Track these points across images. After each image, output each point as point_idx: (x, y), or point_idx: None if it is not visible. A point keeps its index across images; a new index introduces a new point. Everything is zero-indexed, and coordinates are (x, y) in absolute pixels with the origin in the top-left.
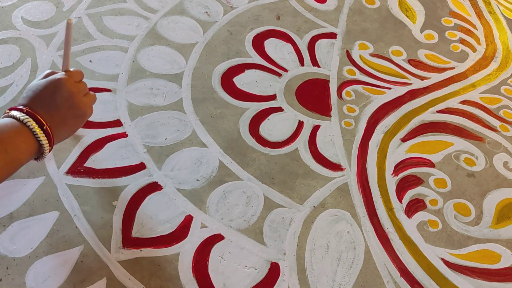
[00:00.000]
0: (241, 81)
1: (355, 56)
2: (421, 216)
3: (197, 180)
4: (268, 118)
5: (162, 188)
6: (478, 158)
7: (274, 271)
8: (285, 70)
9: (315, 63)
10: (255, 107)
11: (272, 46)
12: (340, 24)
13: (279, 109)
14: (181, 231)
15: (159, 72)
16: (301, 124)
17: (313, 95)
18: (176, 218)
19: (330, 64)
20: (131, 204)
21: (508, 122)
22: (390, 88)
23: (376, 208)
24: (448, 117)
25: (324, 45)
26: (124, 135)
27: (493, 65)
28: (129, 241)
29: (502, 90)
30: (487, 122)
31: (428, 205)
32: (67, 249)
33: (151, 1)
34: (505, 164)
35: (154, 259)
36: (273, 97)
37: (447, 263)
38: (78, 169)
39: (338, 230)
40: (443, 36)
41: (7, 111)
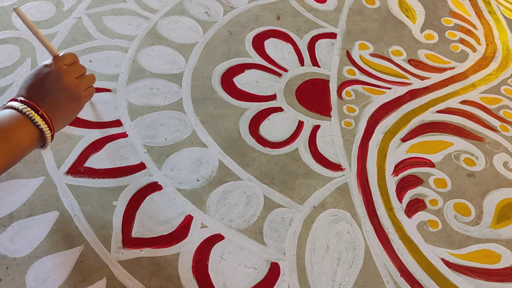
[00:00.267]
0: (241, 81)
1: (355, 56)
2: (421, 216)
3: (197, 180)
4: (268, 118)
5: (162, 188)
6: (478, 158)
7: (274, 271)
8: (285, 70)
9: (315, 63)
10: (255, 107)
11: (272, 46)
12: (340, 24)
13: (279, 109)
14: (181, 231)
15: (159, 72)
16: (301, 124)
17: (313, 95)
18: (176, 218)
19: (330, 64)
20: (131, 204)
21: (508, 122)
22: (390, 88)
23: (376, 208)
24: (448, 117)
25: (324, 45)
26: (124, 135)
27: (493, 65)
28: (129, 241)
29: (502, 90)
30: (487, 122)
31: (428, 205)
32: (67, 249)
33: (151, 1)
34: (505, 164)
35: (154, 259)
36: (273, 97)
37: (447, 263)
38: (78, 169)
39: (338, 230)
40: (443, 36)
41: (4, 104)
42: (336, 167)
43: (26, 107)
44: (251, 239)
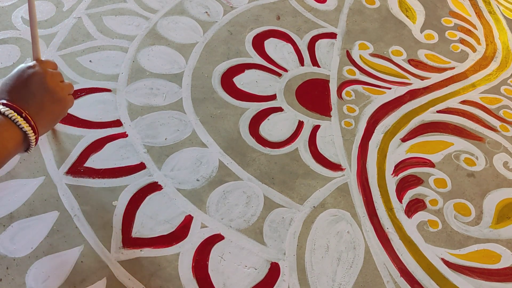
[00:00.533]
0: (241, 81)
1: (355, 56)
2: (421, 216)
3: (197, 180)
4: (268, 118)
5: (162, 188)
6: (478, 158)
7: (274, 271)
8: (285, 70)
9: (315, 63)
10: (255, 107)
11: (272, 46)
12: (340, 24)
13: (279, 109)
14: (181, 231)
15: (159, 72)
16: (301, 124)
17: (313, 95)
18: (176, 218)
19: (330, 64)
20: (131, 204)
21: (508, 122)
22: (390, 88)
23: (376, 208)
24: (448, 117)
25: (324, 45)
26: (124, 135)
27: (493, 65)
28: (129, 241)
29: (502, 90)
30: (487, 122)
31: (428, 205)
32: (67, 249)
33: (151, 1)
34: (505, 164)
35: (154, 259)
36: (273, 97)
37: (447, 263)
38: (78, 169)
39: (338, 230)
40: (443, 36)
41: None
42: (336, 167)
43: (8, 109)
44: (251, 239)
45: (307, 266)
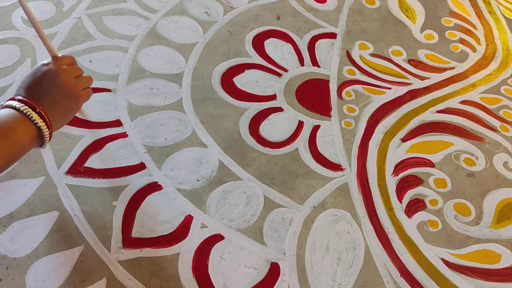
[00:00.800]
0: (241, 81)
1: (355, 56)
2: (421, 216)
3: (197, 180)
4: (268, 118)
5: (162, 188)
6: (478, 158)
7: (274, 271)
8: (285, 70)
9: (315, 63)
10: (255, 107)
11: (272, 46)
12: (340, 24)
13: (279, 109)
14: (181, 231)
15: (159, 72)
16: (301, 124)
17: (313, 95)
18: (176, 218)
19: (330, 64)
20: (131, 204)
21: (508, 122)
22: (390, 88)
23: (376, 208)
24: (448, 117)
25: (324, 45)
26: (124, 135)
27: (493, 65)
28: (129, 241)
29: (502, 90)
30: (487, 122)
31: (428, 205)
32: (67, 249)
33: (151, 1)
34: (505, 164)
35: (154, 259)
36: (273, 97)
37: (447, 263)
38: (78, 169)
39: (338, 230)
40: (443, 36)
41: (2, 103)
42: (336, 167)
43: (24, 105)
44: (251, 239)
45: (307, 266)
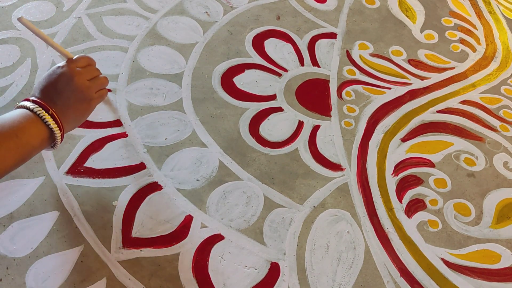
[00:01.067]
0: (241, 81)
1: (355, 56)
2: (421, 216)
3: (197, 180)
4: (268, 118)
5: (162, 188)
6: (478, 158)
7: (274, 271)
8: (285, 70)
9: (315, 63)
10: (255, 107)
11: (272, 46)
12: (340, 24)
13: (279, 109)
14: (181, 231)
15: (159, 72)
16: (301, 124)
17: (313, 95)
18: (176, 218)
19: (330, 64)
20: (131, 204)
21: (508, 122)
22: (390, 88)
23: (376, 208)
24: (448, 117)
25: (324, 45)
26: (124, 135)
27: (493, 65)
28: (129, 241)
29: (502, 90)
30: (487, 122)
31: (428, 205)
32: (67, 249)
33: (151, 1)
34: (505, 164)
35: (154, 259)
36: (273, 97)
37: (447, 263)
38: (78, 169)
39: (338, 230)
40: (443, 36)
41: (17, 104)
42: (336, 167)
43: (37, 106)
44: (251, 239)
45: (307, 266)
